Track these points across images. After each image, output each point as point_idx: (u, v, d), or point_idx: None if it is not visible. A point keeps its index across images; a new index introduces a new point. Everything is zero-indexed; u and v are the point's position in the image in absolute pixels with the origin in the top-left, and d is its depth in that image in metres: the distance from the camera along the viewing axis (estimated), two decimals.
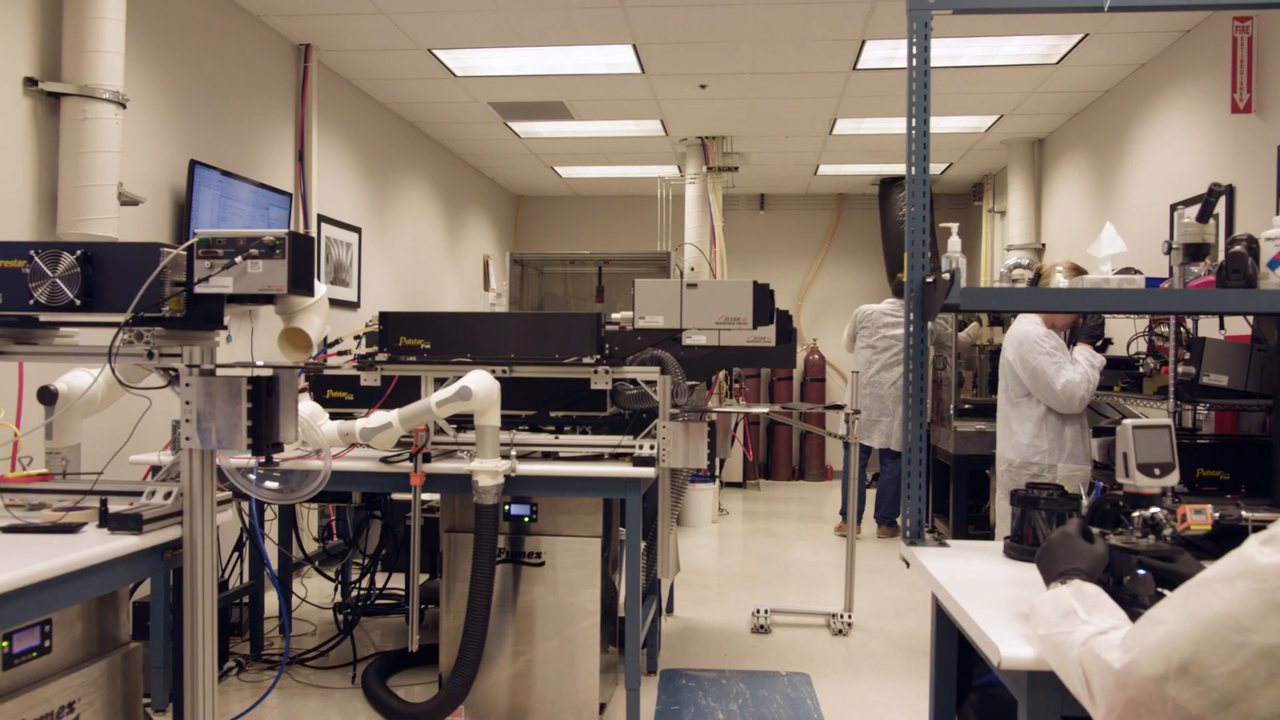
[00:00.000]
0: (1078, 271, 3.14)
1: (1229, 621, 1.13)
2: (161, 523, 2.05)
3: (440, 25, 5.16)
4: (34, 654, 1.90)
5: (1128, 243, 2.16)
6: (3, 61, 3.36)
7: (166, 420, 3.19)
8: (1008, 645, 1.47)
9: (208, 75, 4.62)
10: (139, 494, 2.12)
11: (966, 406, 5.80)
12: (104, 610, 2.11)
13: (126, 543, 1.96)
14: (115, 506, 2.05)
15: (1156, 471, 1.68)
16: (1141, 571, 1.58)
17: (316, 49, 5.48)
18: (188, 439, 2.03)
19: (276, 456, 2.10)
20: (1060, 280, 2.44)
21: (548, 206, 10.57)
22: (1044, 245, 7.56)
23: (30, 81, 3.44)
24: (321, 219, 5.70)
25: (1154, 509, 1.58)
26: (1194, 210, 2.25)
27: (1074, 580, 1.47)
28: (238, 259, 2.01)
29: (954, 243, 2.10)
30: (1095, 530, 1.65)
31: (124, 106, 3.59)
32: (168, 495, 2.09)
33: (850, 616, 4.55)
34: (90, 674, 2.03)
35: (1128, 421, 1.70)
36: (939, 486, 6.14)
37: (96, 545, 1.92)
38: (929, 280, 2.12)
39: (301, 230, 5.38)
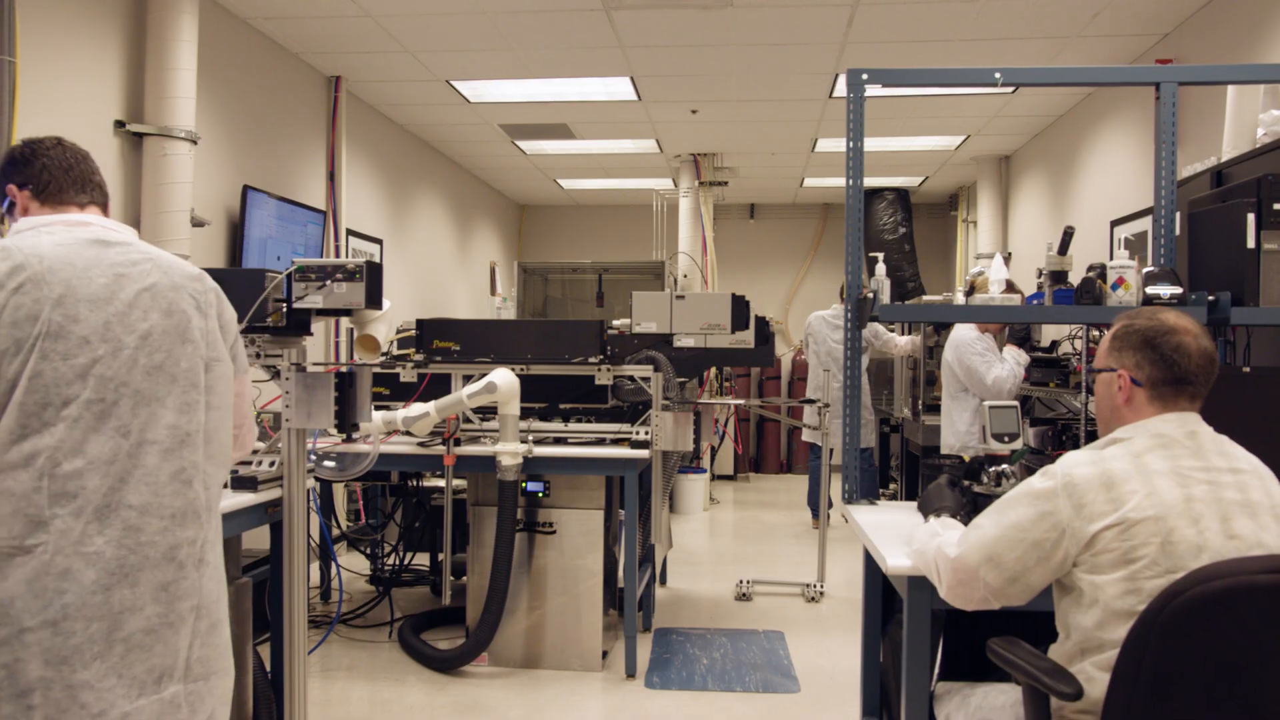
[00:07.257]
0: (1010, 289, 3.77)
1: (1016, 525, 1.75)
2: (268, 484, 2.66)
3: (458, 61, 5.78)
4: None
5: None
6: (96, 107, 3.97)
7: None
8: (893, 559, 2.08)
9: (255, 108, 5.24)
10: (247, 463, 2.73)
11: (938, 404, 6.37)
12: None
13: (245, 498, 2.57)
14: None
15: (1006, 439, 2.29)
16: None
17: (346, 80, 6.09)
18: (288, 420, 2.64)
19: (356, 435, 2.70)
20: (959, 297, 3.05)
21: (550, 215, 11.19)
22: (1010, 254, 8.15)
23: (119, 124, 4.05)
24: (349, 233, 6.31)
25: (1003, 465, 2.19)
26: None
27: (941, 515, 2.09)
28: (327, 282, 2.62)
29: (880, 269, 2.71)
30: (966, 482, 2.26)
31: (195, 143, 4.20)
32: (272, 464, 2.70)
33: (822, 586, 5.16)
34: None
35: (986, 402, 2.31)
36: (911, 475, 6.75)
37: (223, 500, 2.52)
38: (860, 298, 2.74)
39: (332, 244, 6.00)
